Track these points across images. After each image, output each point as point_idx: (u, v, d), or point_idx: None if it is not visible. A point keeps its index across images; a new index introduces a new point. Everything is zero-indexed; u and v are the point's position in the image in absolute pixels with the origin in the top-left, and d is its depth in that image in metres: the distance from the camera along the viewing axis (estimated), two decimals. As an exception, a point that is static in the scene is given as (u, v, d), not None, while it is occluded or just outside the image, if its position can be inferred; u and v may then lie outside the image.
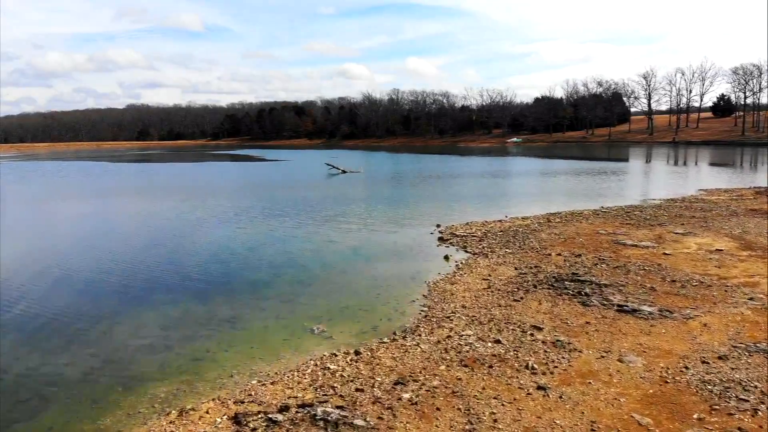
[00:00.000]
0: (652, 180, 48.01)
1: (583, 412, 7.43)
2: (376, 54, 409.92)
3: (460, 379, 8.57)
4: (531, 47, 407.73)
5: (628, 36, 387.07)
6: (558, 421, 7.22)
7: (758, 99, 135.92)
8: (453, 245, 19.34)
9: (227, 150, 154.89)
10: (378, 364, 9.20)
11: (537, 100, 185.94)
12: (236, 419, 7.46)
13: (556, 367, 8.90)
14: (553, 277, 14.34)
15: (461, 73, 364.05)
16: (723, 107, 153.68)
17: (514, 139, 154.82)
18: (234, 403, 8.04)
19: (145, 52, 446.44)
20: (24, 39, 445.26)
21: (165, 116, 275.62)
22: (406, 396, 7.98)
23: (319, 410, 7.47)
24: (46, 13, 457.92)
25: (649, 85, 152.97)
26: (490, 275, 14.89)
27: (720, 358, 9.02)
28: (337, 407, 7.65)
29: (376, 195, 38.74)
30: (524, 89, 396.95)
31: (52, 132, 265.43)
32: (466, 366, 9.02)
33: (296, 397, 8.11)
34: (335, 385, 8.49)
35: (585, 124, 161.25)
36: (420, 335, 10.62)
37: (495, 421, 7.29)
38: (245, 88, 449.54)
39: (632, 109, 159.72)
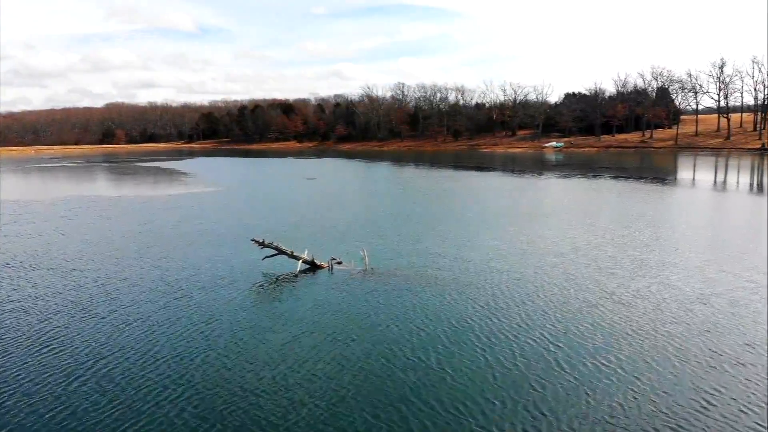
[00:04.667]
0: None
1: None
2: (373, 55, 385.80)
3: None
4: (528, 48, 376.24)
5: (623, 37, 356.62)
6: None
7: None
8: None
9: (184, 157, 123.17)
10: None
11: (568, 96, 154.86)
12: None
13: None
14: None
15: (458, 74, 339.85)
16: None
17: (553, 144, 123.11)
18: None
19: (140, 52, 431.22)
20: (16, 39, 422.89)
21: (139, 116, 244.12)
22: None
23: None
24: (37, 12, 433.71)
25: (721, 77, 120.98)
26: None
27: None
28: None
29: None
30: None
31: (10, 134, 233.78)
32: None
33: None
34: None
35: (640, 124, 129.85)
36: None
37: None
38: (240, 89, 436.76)
39: (699, 107, 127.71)
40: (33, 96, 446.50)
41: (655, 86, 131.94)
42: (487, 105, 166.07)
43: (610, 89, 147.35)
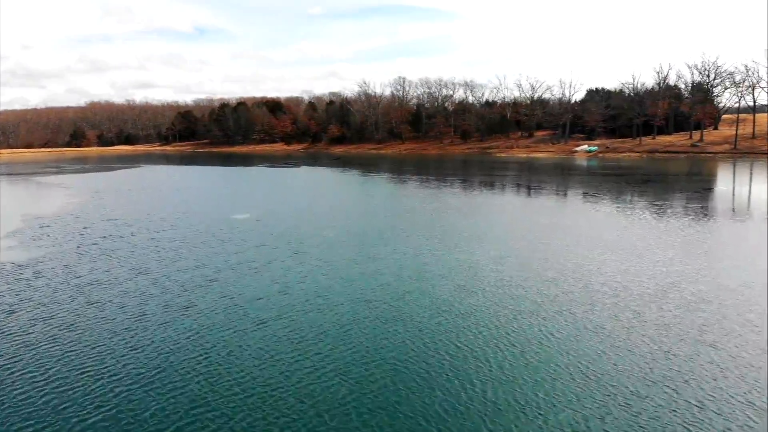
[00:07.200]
0: None
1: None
2: (371, 56, 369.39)
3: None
4: (531, 47, 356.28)
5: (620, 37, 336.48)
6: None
7: None
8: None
9: (137, 165, 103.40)
10: None
11: (590, 92, 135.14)
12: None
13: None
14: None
15: (459, 74, 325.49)
16: None
17: (585, 148, 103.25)
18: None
19: (137, 52, 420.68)
20: (13, 39, 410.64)
21: (115, 116, 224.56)
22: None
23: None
24: (33, 13, 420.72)
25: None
26: None
27: None
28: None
29: None
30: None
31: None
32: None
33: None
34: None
35: (680, 125, 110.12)
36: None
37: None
38: (238, 89, 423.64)
39: (756, 104, 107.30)
40: (31, 96, 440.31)
41: (702, 80, 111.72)
42: (498, 103, 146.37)
43: (643, 84, 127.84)
